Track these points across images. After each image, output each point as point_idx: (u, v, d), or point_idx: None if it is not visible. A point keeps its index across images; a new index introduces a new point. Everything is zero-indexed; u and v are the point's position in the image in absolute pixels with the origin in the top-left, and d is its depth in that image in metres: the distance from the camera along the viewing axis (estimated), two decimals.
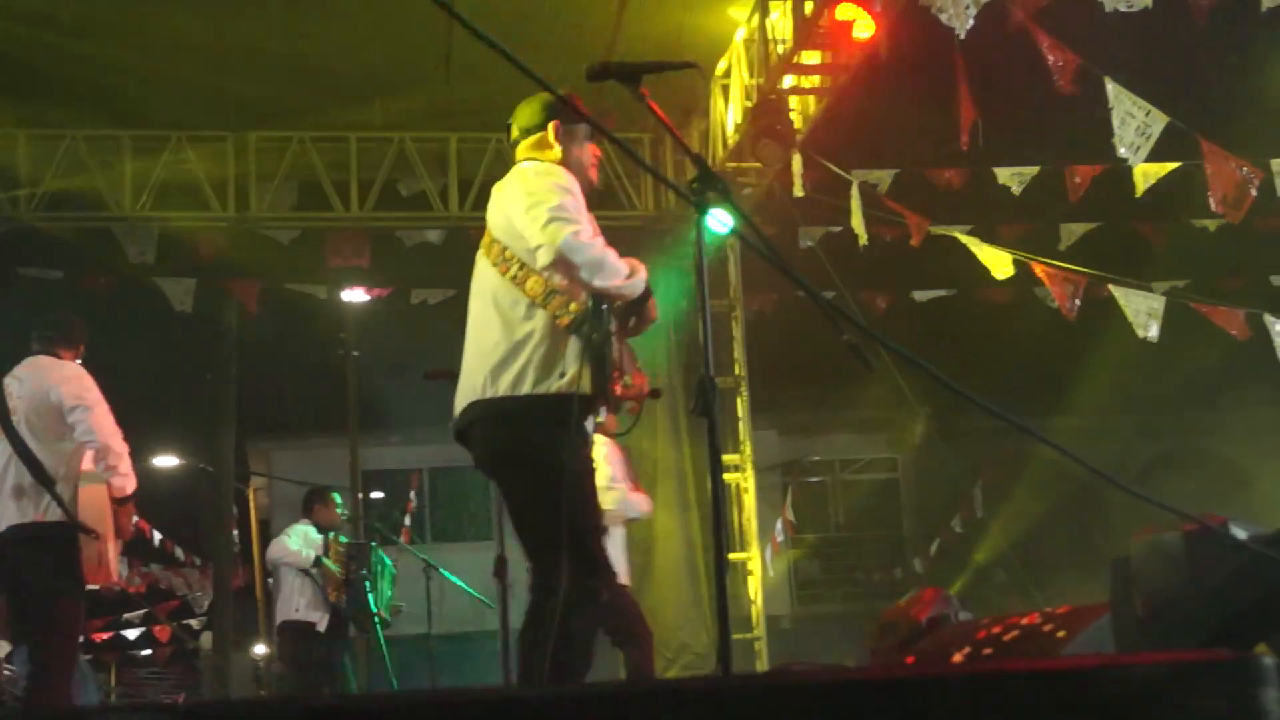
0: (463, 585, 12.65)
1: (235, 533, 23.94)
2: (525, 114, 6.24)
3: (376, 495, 25.30)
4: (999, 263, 14.42)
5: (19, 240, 15.17)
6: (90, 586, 8.03)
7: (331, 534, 12.35)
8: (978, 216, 15.69)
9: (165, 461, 24.38)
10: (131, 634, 26.10)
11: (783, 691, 2.49)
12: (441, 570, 12.78)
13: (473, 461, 5.95)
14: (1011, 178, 14.73)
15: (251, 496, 25.25)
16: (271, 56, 13.84)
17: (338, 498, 12.81)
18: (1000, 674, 2.63)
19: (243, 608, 23.84)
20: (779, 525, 19.32)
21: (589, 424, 5.80)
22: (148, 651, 28.13)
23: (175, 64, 13.71)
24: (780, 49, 12.96)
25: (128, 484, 7.96)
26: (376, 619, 12.17)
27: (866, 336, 4.96)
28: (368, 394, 23.15)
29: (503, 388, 5.66)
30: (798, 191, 13.89)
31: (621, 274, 5.60)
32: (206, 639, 24.99)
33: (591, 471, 5.73)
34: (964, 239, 14.68)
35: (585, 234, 5.55)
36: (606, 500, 9.60)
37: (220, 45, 13.54)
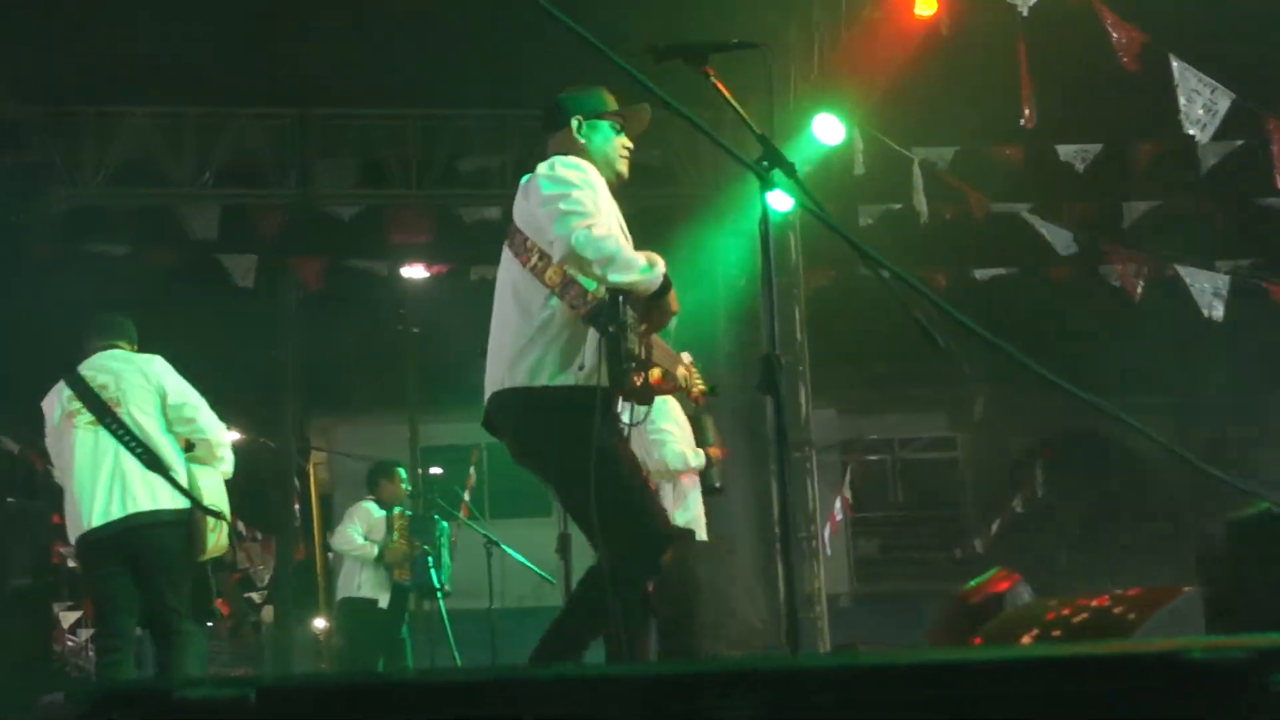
0: (525, 562, 12.66)
1: (297, 507, 24.02)
2: (550, 108, 6.36)
3: (435, 471, 25.36)
4: (1061, 240, 14.35)
5: (84, 216, 15.27)
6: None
7: (396, 509, 12.39)
8: (1039, 194, 15.61)
9: (227, 436, 24.47)
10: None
11: (853, 671, 2.48)
12: (503, 546, 12.80)
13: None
14: (1074, 155, 14.64)
15: (312, 471, 25.33)
16: (334, 34, 13.89)
17: (403, 473, 12.84)
18: (1077, 657, 2.61)
19: (303, 582, 23.92)
20: (838, 504, 19.30)
21: (626, 414, 5.85)
22: (209, 624, 28.26)
23: (239, 42, 13.78)
24: (841, 25, 12.92)
25: (230, 470, 8.41)
26: (439, 591, 12.22)
27: (942, 313, 4.92)
28: (427, 370, 23.22)
29: (521, 377, 5.71)
30: (858, 169, 13.84)
31: (636, 268, 5.61)
32: (268, 613, 25.09)
33: (623, 459, 5.71)
34: (1026, 216, 14.61)
35: (600, 229, 5.56)
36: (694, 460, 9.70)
37: (284, 23, 13.58)
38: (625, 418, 5.91)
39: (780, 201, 12.92)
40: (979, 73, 13.64)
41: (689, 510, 9.77)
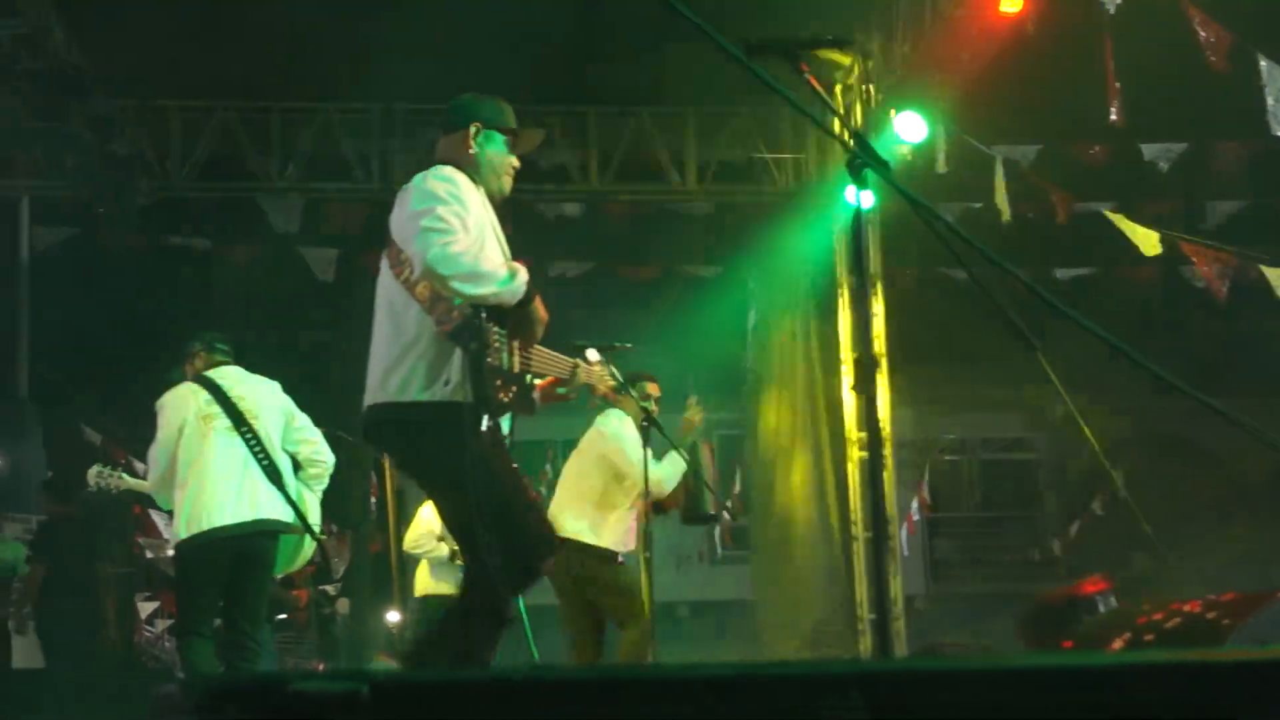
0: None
1: (373, 500, 24.12)
2: (450, 108, 6.35)
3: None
4: (1146, 240, 14.22)
5: (170, 209, 15.38)
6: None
7: None
8: (1121, 193, 15.48)
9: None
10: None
11: (935, 674, 2.46)
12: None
13: None
14: (1159, 154, 14.53)
15: (387, 465, 25.42)
16: (415, 30, 13.94)
17: None
18: (1172, 664, 2.58)
19: (378, 575, 24.02)
20: (915, 504, 19.21)
21: (494, 426, 5.78)
22: (282, 615, 28.43)
23: (322, 38, 13.85)
24: (926, 23, 12.86)
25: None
26: None
27: (1055, 312, 4.85)
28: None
29: (392, 392, 5.74)
30: (941, 167, 13.77)
31: (494, 281, 5.60)
32: (343, 605, 25.21)
33: (496, 472, 5.70)
34: (1110, 215, 14.50)
35: (457, 245, 5.54)
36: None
37: (366, 20, 13.65)
38: (505, 427, 5.89)
39: (862, 199, 12.88)
40: (1063, 70, 13.55)
41: (614, 533, 9.75)
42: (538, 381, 6.19)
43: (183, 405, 8.50)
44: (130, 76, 13.93)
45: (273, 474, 8.20)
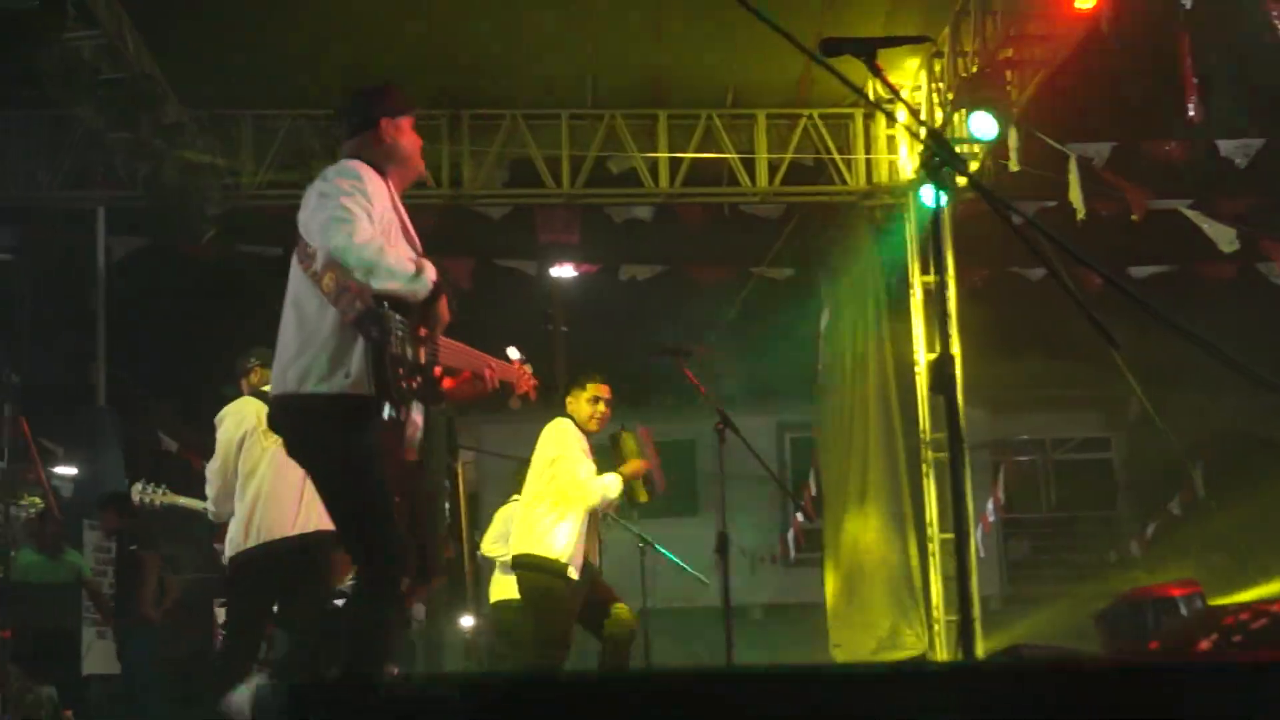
0: (679, 563, 12.64)
1: (446, 506, 24.19)
2: (350, 110, 6.32)
3: None
4: (1223, 237, 14.11)
5: (242, 218, 15.45)
6: None
7: None
8: (1198, 190, 15.37)
9: None
10: (342, 603, 26.45)
11: (1022, 674, 2.43)
12: (657, 546, 12.78)
13: None
14: (1235, 150, 14.40)
15: (460, 470, 25.48)
16: (483, 36, 13.97)
17: None
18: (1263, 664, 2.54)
19: (452, 580, 24.09)
20: (989, 505, 19.11)
21: (388, 417, 5.70)
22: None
23: (389, 46, 13.90)
24: (998, 20, 12.80)
25: None
26: None
27: (1150, 313, 4.80)
28: (575, 369, 23.29)
29: (293, 382, 5.77)
30: (1014, 166, 13.70)
31: (400, 276, 5.60)
32: (418, 609, 25.29)
33: (381, 469, 5.73)
34: (1187, 212, 14.39)
35: (363, 235, 5.54)
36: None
37: (432, 26, 13.68)
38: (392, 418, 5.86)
39: (941, 198, 12.85)
40: (1138, 66, 13.46)
41: (564, 543, 9.64)
42: (448, 378, 6.15)
43: (242, 419, 8.67)
44: (202, 86, 14.02)
45: None
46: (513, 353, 6.76)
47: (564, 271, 19.15)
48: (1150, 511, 22.72)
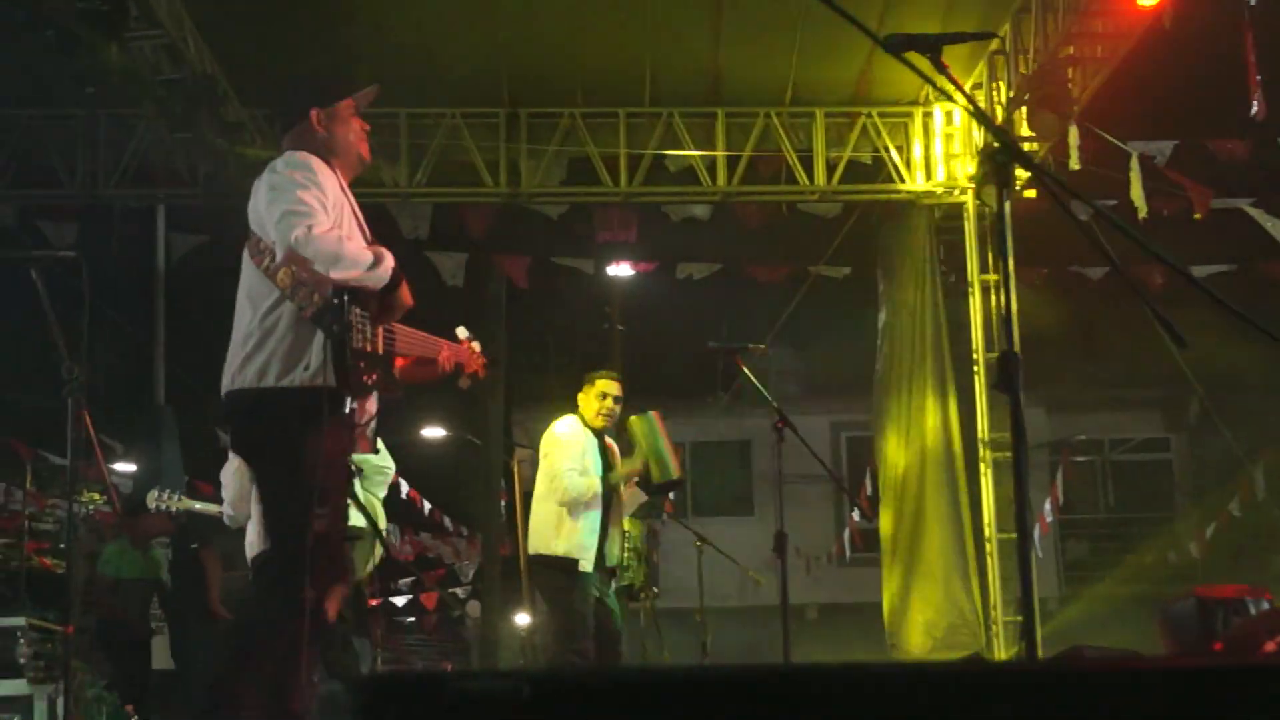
0: (736, 562, 12.64)
1: (502, 504, 24.26)
2: (282, 106, 6.29)
3: None
4: None
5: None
6: None
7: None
8: (1261, 188, 15.26)
9: (433, 433, 24.83)
10: (399, 600, 26.60)
11: (1086, 675, 2.41)
12: (714, 546, 12.79)
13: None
14: None
15: (516, 468, 25.52)
16: (543, 34, 13.99)
17: None
18: None
19: (508, 578, 24.15)
20: (1047, 505, 19.02)
21: (349, 412, 5.75)
22: (412, 619, 28.65)
23: (450, 43, 13.93)
24: (1060, 18, 12.74)
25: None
26: (654, 591, 12.23)
27: (1225, 307, 4.74)
28: (632, 367, 23.31)
29: (250, 378, 5.71)
30: (1074, 164, 13.61)
31: (361, 265, 5.59)
32: (473, 607, 25.37)
33: (333, 463, 5.69)
34: (1250, 210, 14.29)
35: (320, 227, 5.52)
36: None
37: (494, 24, 13.70)
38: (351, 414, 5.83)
39: (993, 197, 12.78)
40: (1201, 63, 13.37)
41: (571, 538, 9.79)
42: (401, 363, 6.13)
43: None
44: (260, 84, 14.09)
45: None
46: (461, 332, 6.73)
47: (621, 270, 19.15)
48: (1209, 513, 22.56)
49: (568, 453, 9.87)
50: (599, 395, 10.08)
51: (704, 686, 2.26)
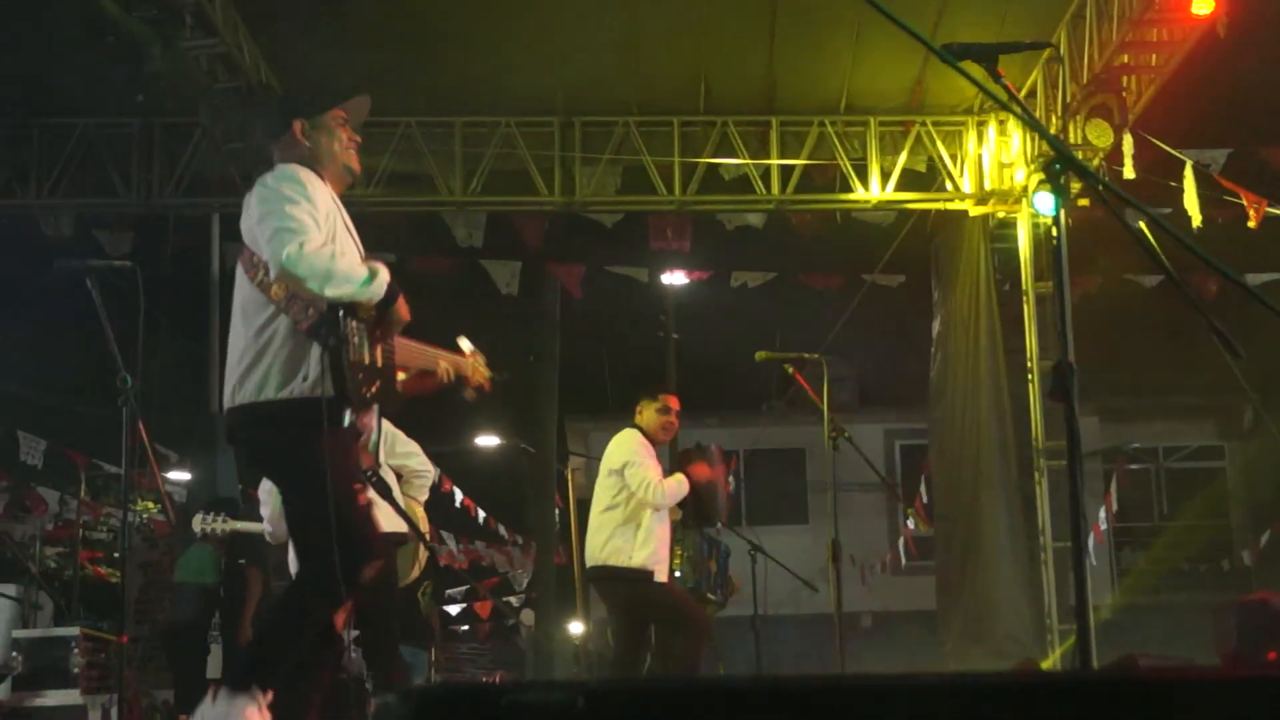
0: (791, 571, 12.59)
1: (556, 512, 24.31)
2: (267, 118, 6.37)
3: None
4: None
5: (356, 224, 15.55)
6: None
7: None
8: None
9: (487, 441, 24.90)
10: (453, 609, 26.67)
11: (1143, 685, 2.40)
12: (768, 554, 12.75)
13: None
14: None
15: (570, 476, 25.61)
16: (598, 43, 14.01)
17: None
18: None
19: (562, 587, 24.20)
20: (1102, 513, 18.92)
21: (353, 422, 5.75)
22: (465, 627, 28.71)
23: (501, 54, 13.96)
24: (1114, 26, 12.69)
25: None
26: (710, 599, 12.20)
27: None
28: (686, 375, 23.35)
29: (249, 393, 5.68)
30: (1128, 173, 13.55)
31: (354, 282, 5.53)
32: (527, 615, 25.40)
33: (337, 475, 5.64)
34: None
35: (312, 244, 5.47)
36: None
37: (549, 32, 13.72)
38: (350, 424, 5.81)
39: (1048, 205, 12.76)
40: (1256, 72, 13.29)
41: (647, 546, 9.84)
42: (401, 376, 6.10)
43: None
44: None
45: (382, 488, 8.07)
46: (464, 344, 6.69)
47: (675, 278, 19.19)
48: (1263, 520, 22.44)
49: (650, 461, 9.97)
50: (660, 410, 10.15)
51: (758, 698, 2.26)
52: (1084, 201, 12.20)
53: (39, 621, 13.40)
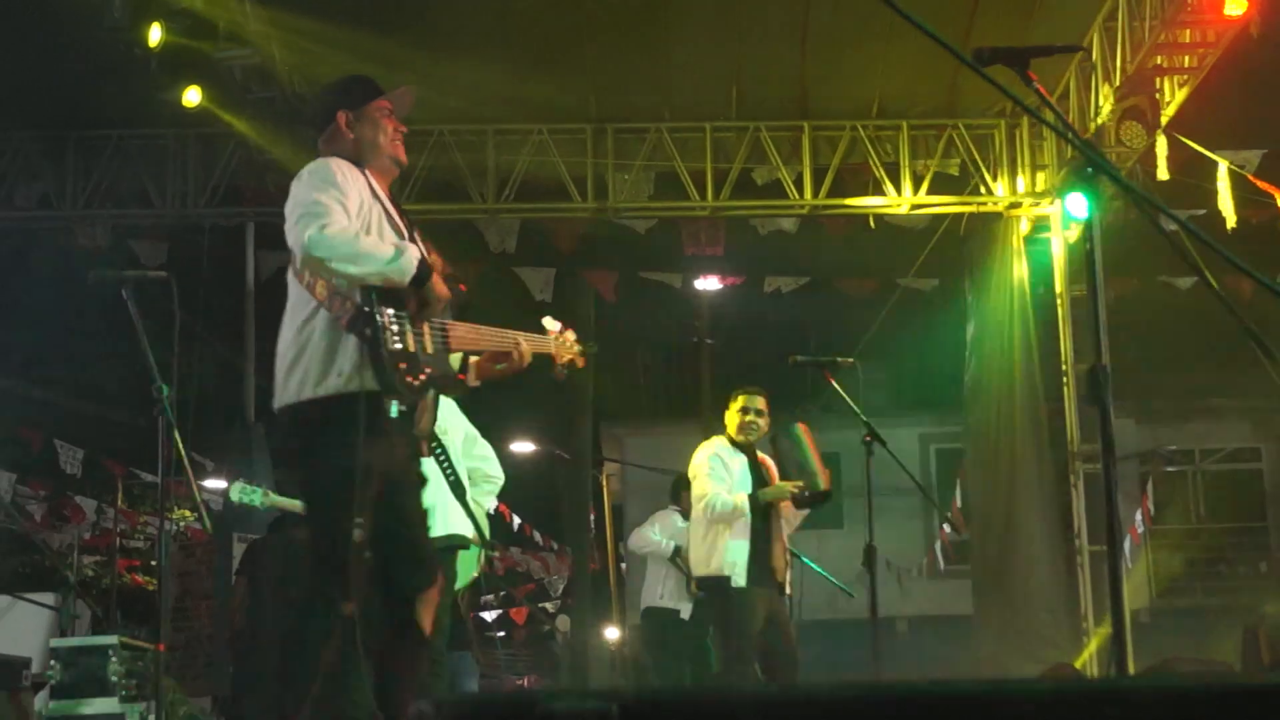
0: (827, 575, 12.57)
1: (591, 518, 24.27)
2: (311, 110, 6.28)
3: None
4: None
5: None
6: None
7: None
8: None
9: (522, 447, 24.89)
10: (489, 615, 26.68)
11: (1181, 692, 2.39)
12: (804, 559, 12.73)
13: None
14: None
15: (605, 482, 25.57)
16: (630, 49, 14.03)
17: None
18: None
19: (598, 593, 24.17)
20: (1138, 516, 18.86)
21: (396, 414, 5.60)
22: (502, 633, 28.72)
23: (538, 59, 13.99)
24: (1147, 28, 12.64)
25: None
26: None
27: None
28: (720, 381, 23.29)
29: (291, 393, 5.62)
30: (1162, 175, 13.51)
31: (380, 260, 5.45)
32: (563, 622, 25.39)
33: (378, 471, 5.54)
34: None
35: (334, 226, 5.40)
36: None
37: (581, 38, 13.75)
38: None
39: (1081, 208, 12.73)
40: None
41: (720, 556, 9.92)
42: (472, 359, 6.05)
43: None
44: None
45: (458, 488, 8.10)
46: (549, 323, 6.55)
47: (709, 284, 19.18)
48: None
49: (711, 473, 10.04)
50: (739, 410, 10.21)
51: (796, 706, 2.26)
52: (1118, 204, 12.17)
53: (77, 630, 13.43)
